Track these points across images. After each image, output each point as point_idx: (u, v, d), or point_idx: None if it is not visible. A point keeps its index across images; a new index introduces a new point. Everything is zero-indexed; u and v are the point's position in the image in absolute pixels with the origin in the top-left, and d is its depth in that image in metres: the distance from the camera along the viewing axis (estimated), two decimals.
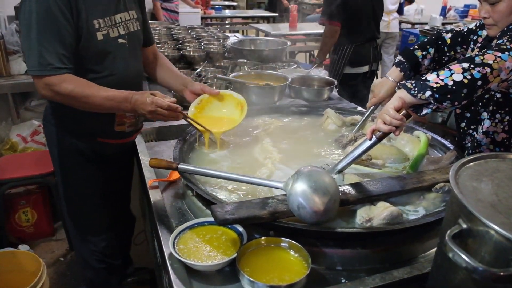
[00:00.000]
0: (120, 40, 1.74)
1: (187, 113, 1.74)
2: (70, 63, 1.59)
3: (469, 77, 1.24)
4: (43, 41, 1.51)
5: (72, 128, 1.81)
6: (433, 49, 1.79)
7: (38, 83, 1.57)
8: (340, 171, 1.45)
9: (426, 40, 1.84)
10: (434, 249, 1.22)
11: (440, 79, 1.25)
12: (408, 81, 1.32)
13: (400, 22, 8.33)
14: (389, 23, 6.61)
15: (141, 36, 1.90)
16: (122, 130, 1.88)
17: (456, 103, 1.26)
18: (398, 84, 1.35)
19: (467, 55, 1.77)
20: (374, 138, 1.37)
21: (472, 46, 1.75)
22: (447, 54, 1.81)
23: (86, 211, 1.99)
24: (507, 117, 1.61)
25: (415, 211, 1.32)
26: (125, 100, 1.63)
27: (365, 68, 3.73)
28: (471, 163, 0.96)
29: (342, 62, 3.62)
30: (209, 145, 1.72)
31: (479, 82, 1.24)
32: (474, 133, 1.74)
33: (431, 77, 1.27)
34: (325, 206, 1.11)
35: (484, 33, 1.67)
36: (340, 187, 1.27)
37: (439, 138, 1.76)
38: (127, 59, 1.80)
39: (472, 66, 1.26)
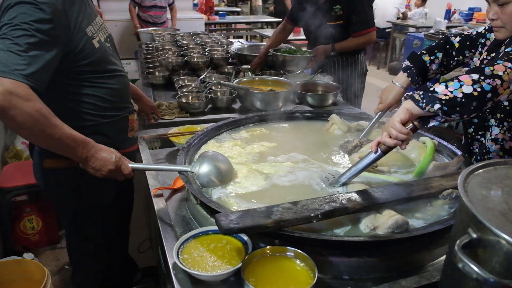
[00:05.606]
0: (107, 44, 1.68)
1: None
2: (44, 84, 1.38)
3: (479, 89, 1.21)
4: (25, 51, 1.30)
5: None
6: (441, 53, 1.77)
7: None
8: (344, 184, 1.44)
9: (433, 44, 1.82)
10: (443, 257, 1.20)
11: (449, 91, 1.22)
12: (415, 92, 1.29)
13: (405, 26, 8.37)
14: None
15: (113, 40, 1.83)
16: (132, 136, 1.85)
17: (465, 116, 1.24)
18: (405, 95, 1.33)
19: (474, 58, 1.75)
20: (379, 151, 1.35)
21: (480, 49, 1.73)
22: (455, 58, 1.79)
23: (104, 234, 1.89)
24: None
25: (422, 219, 1.30)
26: (85, 144, 1.45)
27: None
28: (480, 170, 0.94)
29: (363, 70, 3.32)
30: None
31: (489, 95, 1.22)
32: (482, 139, 1.71)
33: (440, 88, 1.24)
34: (223, 176, 1.46)
35: (492, 36, 1.65)
36: (345, 195, 1.27)
37: (445, 143, 1.74)
38: (116, 60, 1.74)
39: (482, 77, 1.23)
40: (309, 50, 3.16)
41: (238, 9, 10.94)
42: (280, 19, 8.72)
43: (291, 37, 6.08)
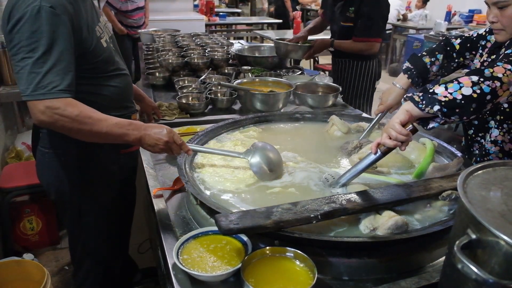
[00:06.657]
0: (111, 45, 1.72)
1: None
2: (74, 87, 1.46)
3: (478, 91, 1.22)
4: (56, 64, 1.38)
5: (95, 148, 1.63)
6: (442, 55, 1.77)
7: (36, 107, 1.36)
8: (344, 185, 1.44)
9: (434, 46, 1.82)
10: (442, 258, 1.20)
11: (449, 93, 1.23)
12: (415, 93, 1.30)
13: (405, 28, 8.38)
14: None
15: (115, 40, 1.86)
16: None
17: (465, 117, 1.24)
18: (405, 96, 1.33)
19: (475, 60, 1.75)
20: (379, 152, 1.35)
21: (480, 51, 1.73)
22: (456, 60, 1.79)
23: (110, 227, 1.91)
24: None
25: (422, 220, 1.30)
26: (134, 126, 1.49)
27: None
28: (479, 171, 0.94)
29: (374, 76, 3.28)
30: None
31: (488, 97, 1.22)
32: (482, 140, 1.72)
33: (439, 90, 1.25)
34: (272, 168, 1.54)
35: (493, 38, 1.65)
36: (345, 195, 1.27)
37: (445, 144, 1.74)
38: (120, 59, 1.77)
39: (481, 79, 1.23)
40: (309, 41, 3.26)
41: (239, 10, 10.94)
42: (281, 20, 8.73)
43: (290, 36, 6.09)
